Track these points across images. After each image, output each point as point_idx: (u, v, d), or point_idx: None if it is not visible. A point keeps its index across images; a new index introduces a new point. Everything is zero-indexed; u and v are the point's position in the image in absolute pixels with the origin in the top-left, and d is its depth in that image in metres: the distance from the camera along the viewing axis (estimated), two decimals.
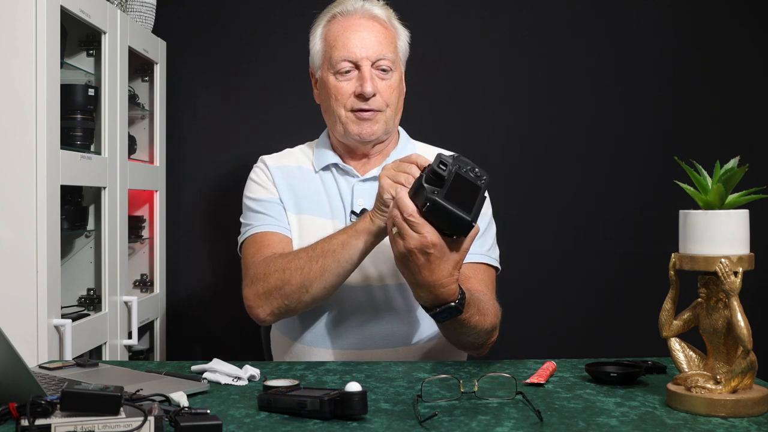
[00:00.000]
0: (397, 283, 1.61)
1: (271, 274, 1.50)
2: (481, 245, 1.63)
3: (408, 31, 1.72)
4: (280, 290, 1.49)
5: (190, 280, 2.67)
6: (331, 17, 1.67)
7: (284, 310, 1.53)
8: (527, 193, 2.63)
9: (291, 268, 1.48)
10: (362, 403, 1.06)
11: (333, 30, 1.65)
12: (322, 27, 1.68)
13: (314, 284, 1.47)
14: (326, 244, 1.47)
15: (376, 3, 1.68)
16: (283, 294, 1.49)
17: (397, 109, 1.68)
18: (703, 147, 2.53)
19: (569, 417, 1.08)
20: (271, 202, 1.68)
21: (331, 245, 1.47)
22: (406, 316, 1.63)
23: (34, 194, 1.79)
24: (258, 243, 1.62)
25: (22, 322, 1.78)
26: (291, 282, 1.48)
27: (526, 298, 2.59)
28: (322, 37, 1.67)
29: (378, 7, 1.67)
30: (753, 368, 1.09)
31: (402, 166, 1.39)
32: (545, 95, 2.65)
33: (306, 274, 1.47)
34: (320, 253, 1.47)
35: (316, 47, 1.69)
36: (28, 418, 0.91)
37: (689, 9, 2.63)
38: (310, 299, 1.50)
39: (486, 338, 1.51)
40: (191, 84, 2.66)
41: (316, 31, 1.69)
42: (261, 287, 1.52)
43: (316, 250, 1.48)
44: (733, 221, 1.10)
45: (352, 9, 1.65)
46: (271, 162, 1.74)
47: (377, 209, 1.42)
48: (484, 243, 1.66)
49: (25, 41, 1.78)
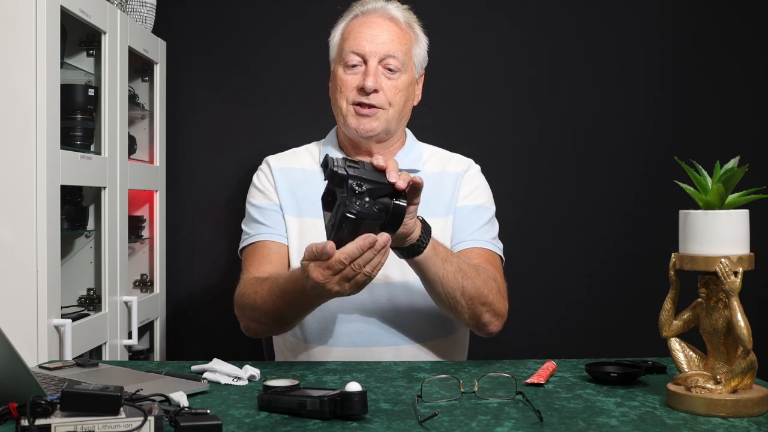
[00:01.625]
0: (402, 281, 1.62)
1: (248, 296, 1.56)
2: (486, 232, 1.68)
3: (428, 39, 1.73)
4: (252, 314, 1.56)
5: (190, 280, 2.67)
6: (354, 15, 1.71)
7: (261, 331, 1.60)
8: (527, 194, 2.63)
9: (258, 302, 1.52)
10: (362, 403, 1.06)
11: (351, 25, 1.69)
12: (345, 23, 1.71)
13: (278, 317, 1.52)
14: (282, 286, 1.48)
15: (399, 6, 1.71)
16: (256, 319, 1.56)
17: (402, 112, 1.68)
18: (703, 147, 2.54)
19: (569, 417, 1.08)
20: (270, 210, 1.70)
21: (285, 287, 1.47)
22: (409, 314, 1.64)
23: (34, 194, 1.79)
24: (253, 254, 1.67)
25: (22, 322, 1.78)
26: (261, 311, 1.53)
27: (526, 298, 2.59)
28: (340, 32, 1.71)
29: (399, 10, 1.70)
30: (753, 368, 1.09)
31: None
32: (546, 96, 2.65)
33: (270, 307, 1.51)
34: (278, 294, 1.48)
35: (334, 41, 1.72)
36: (28, 418, 0.91)
37: (691, 9, 2.63)
38: (279, 326, 1.58)
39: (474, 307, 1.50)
40: (191, 84, 2.66)
41: (338, 26, 1.73)
42: (239, 307, 1.59)
43: (278, 287, 1.48)
44: (733, 221, 1.10)
45: (373, 8, 1.69)
46: (274, 164, 1.76)
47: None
48: (489, 231, 1.70)
49: (25, 41, 1.78)
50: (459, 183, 1.72)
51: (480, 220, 1.69)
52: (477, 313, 1.52)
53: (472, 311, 1.51)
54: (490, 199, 1.76)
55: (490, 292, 1.52)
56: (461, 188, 1.72)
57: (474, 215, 1.69)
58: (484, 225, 1.69)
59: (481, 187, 1.76)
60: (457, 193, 1.71)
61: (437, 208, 1.67)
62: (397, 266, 1.61)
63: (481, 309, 1.52)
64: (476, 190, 1.73)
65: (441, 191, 1.70)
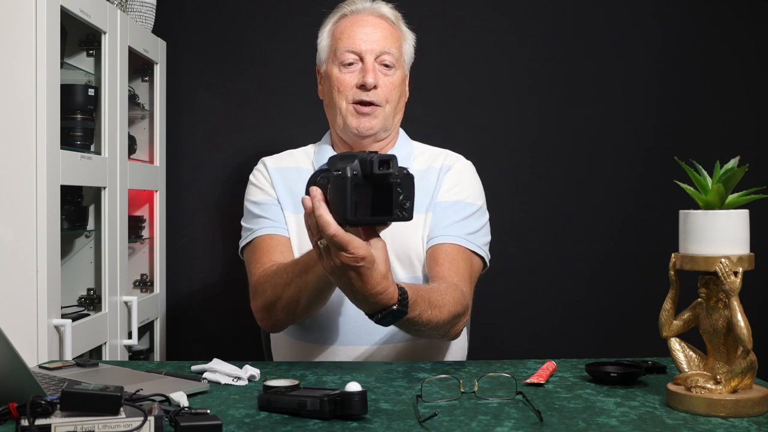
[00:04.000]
0: (403, 278, 1.62)
1: (267, 289, 1.53)
2: (461, 228, 1.62)
3: (414, 36, 1.74)
4: (275, 305, 1.52)
5: (190, 280, 2.67)
6: (341, 15, 1.71)
7: (285, 321, 1.56)
8: (527, 193, 2.63)
9: (281, 283, 1.50)
10: (362, 403, 1.06)
11: (341, 26, 1.69)
12: (332, 24, 1.72)
13: (301, 299, 1.48)
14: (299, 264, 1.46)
15: (386, 4, 1.73)
16: (280, 307, 1.52)
17: (396, 108, 1.69)
18: (703, 147, 2.54)
19: (569, 417, 1.08)
20: (269, 204, 1.70)
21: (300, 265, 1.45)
22: None
23: (34, 194, 1.79)
24: (258, 249, 1.64)
25: (22, 322, 1.78)
26: (282, 297, 1.50)
27: (527, 298, 2.59)
28: (330, 33, 1.71)
29: (387, 8, 1.71)
30: (753, 368, 1.09)
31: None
32: (546, 96, 2.65)
33: (292, 290, 1.48)
34: (297, 272, 1.46)
35: (323, 43, 1.72)
36: (28, 418, 0.91)
37: (690, 9, 2.64)
38: (304, 311, 1.52)
39: (447, 328, 1.47)
40: (191, 84, 2.66)
41: (325, 28, 1.73)
42: (260, 302, 1.55)
43: (297, 266, 1.47)
44: (733, 221, 1.10)
45: (362, 8, 1.69)
46: (270, 163, 1.76)
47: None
48: (465, 227, 1.63)
49: (25, 41, 1.78)
50: (441, 179, 1.69)
51: (457, 215, 1.64)
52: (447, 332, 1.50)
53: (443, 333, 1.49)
54: (476, 195, 1.70)
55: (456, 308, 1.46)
56: (442, 183, 1.68)
57: (451, 210, 1.64)
58: (461, 220, 1.62)
59: (466, 182, 1.70)
60: (438, 189, 1.68)
61: (419, 206, 1.57)
62: (396, 264, 1.61)
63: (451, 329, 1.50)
64: (458, 185, 1.68)
65: (425, 188, 1.66)
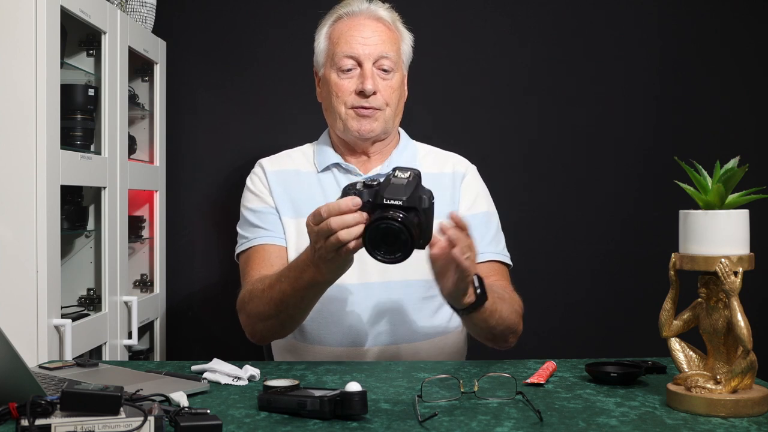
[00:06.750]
0: (401, 280, 1.62)
1: (252, 301, 1.53)
2: (496, 244, 1.70)
3: (412, 35, 1.74)
4: (258, 317, 1.53)
5: (190, 280, 2.67)
6: (337, 17, 1.70)
7: (268, 334, 1.57)
8: (527, 194, 2.63)
9: (264, 297, 1.50)
10: (362, 403, 1.06)
11: (338, 29, 1.68)
12: (328, 26, 1.71)
13: (282, 312, 1.48)
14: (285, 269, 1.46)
15: (382, 5, 1.72)
16: (261, 316, 1.52)
17: (396, 110, 1.70)
18: (703, 147, 2.53)
19: (569, 417, 1.08)
20: (266, 213, 1.69)
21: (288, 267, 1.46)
22: (408, 313, 1.64)
23: (34, 194, 1.79)
24: (253, 259, 1.65)
25: (22, 322, 1.78)
26: (265, 311, 1.50)
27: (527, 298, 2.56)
28: (326, 36, 1.70)
29: (383, 9, 1.70)
30: (753, 368, 1.09)
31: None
32: (546, 96, 2.64)
33: (275, 303, 1.47)
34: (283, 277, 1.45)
35: (320, 46, 1.72)
36: (28, 418, 0.91)
37: (690, 9, 2.63)
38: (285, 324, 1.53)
39: (506, 334, 1.54)
40: (191, 84, 2.66)
41: (322, 30, 1.72)
42: (245, 313, 1.56)
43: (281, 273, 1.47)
44: (733, 221, 1.10)
45: (358, 10, 1.69)
46: (268, 166, 1.75)
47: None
48: (499, 241, 1.71)
49: (25, 41, 1.78)
50: (459, 187, 1.72)
51: (491, 230, 1.71)
52: (504, 338, 1.57)
53: (502, 337, 1.55)
54: (492, 202, 1.77)
55: (517, 320, 1.57)
56: (463, 194, 1.72)
57: (485, 226, 1.70)
58: (495, 235, 1.71)
59: (483, 189, 1.77)
60: (458, 199, 1.71)
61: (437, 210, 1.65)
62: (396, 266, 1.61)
63: (510, 336, 1.57)
64: (479, 194, 1.74)
65: (440, 192, 1.69)
